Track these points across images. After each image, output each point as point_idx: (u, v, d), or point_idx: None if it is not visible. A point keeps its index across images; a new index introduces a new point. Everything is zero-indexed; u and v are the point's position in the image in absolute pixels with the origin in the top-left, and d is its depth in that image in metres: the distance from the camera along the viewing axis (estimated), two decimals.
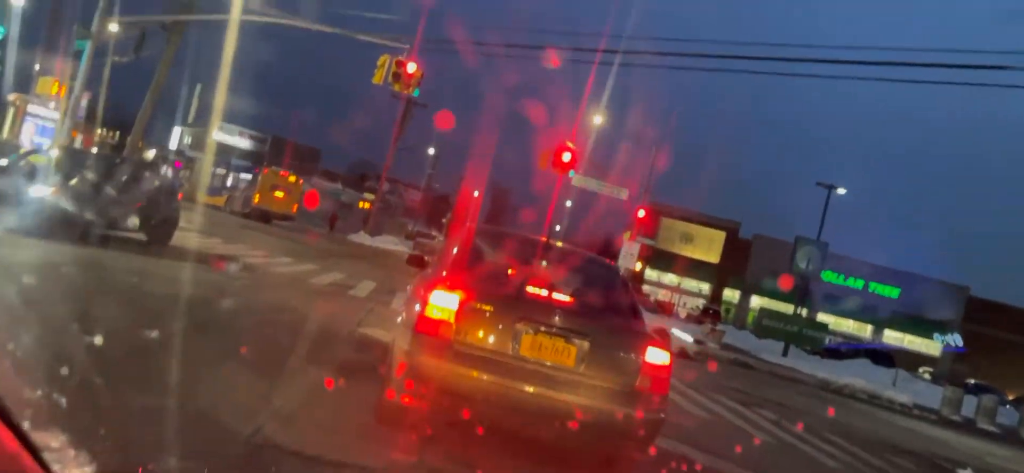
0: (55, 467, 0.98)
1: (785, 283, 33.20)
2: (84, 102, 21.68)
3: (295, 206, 36.23)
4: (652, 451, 5.35)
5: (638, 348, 5.11)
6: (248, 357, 6.59)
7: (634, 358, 5.07)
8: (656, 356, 5.08)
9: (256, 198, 34.04)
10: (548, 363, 4.91)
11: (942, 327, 50.71)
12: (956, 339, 49.25)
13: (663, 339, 5.77)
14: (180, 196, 15.63)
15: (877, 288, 52.15)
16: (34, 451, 0.94)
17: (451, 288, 5.03)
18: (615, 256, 29.91)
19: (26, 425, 0.93)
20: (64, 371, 3.87)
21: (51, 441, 1.08)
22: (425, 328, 4.91)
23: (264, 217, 33.31)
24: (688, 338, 21.81)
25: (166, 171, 16.31)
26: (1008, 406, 28.33)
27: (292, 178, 36.40)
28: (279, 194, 34.65)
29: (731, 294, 54.69)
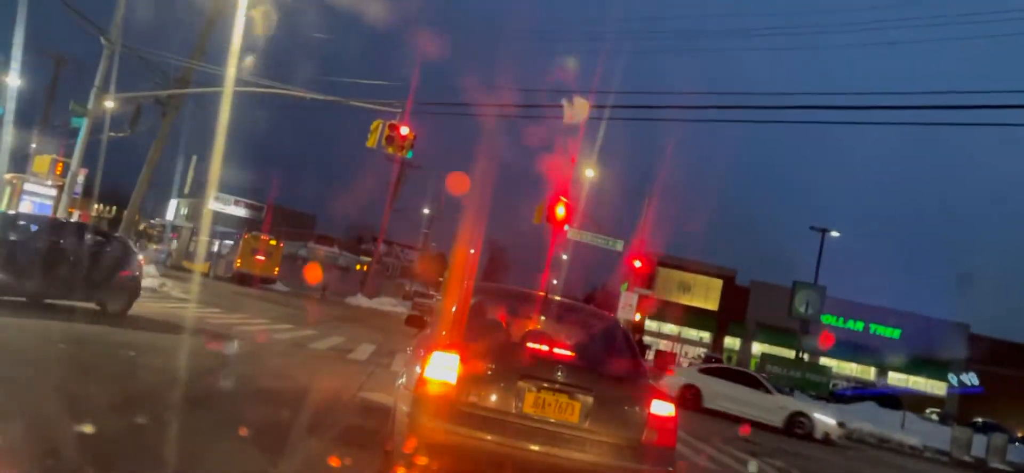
0: None
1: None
2: (81, 178, 21.78)
3: (276, 269, 37.24)
4: None
5: (643, 401, 5.02)
6: (251, 427, 6.50)
7: (639, 411, 4.98)
8: (662, 409, 4.99)
9: (238, 262, 35.08)
10: (552, 420, 4.82)
11: (947, 366, 50.38)
12: (971, 378, 48.78)
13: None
14: (142, 262, 14.96)
15: (878, 329, 51.98)
16: None
17: (451, 348, 4.97)
18: (613, 308, 29.82)
19: None
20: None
21: None
22: (426, 390, 4.82)
23: (245, 280, 33.87)
24: (830, 420, 17.79)
25: (126, 240, 15.69)
26: (1018, 444, 27.93)
27: (272, 242, 37.70)
28: (260, 258, 35.67)
29: (732, 341, 54.47)
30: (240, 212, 65.60)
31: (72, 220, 18.33)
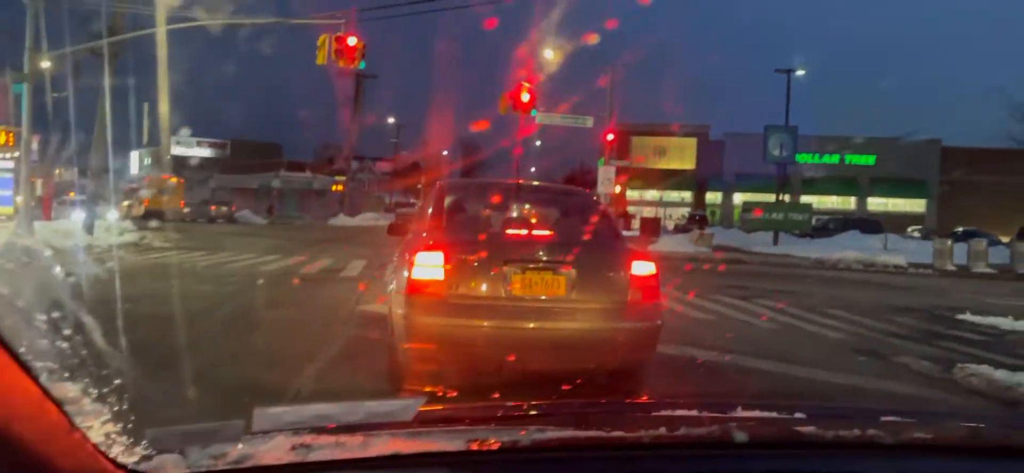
0: (77, 419, 1.04)
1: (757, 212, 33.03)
2: (35, 145, 21.29)
3: (182, 203, 41.01)
4: (656, 358, 5.46)
5: (623, 264, 5.22)
6: (262, 352, 6.64)
7: (622, 274, 5.18)
8: (642, 268, 5.20)
9: (146, 202, 38.80)
10: (542, 297, 5.01)
11: (924, 184, 51.36)
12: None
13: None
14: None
15: (853, 159, 52.61)
16: (58, 404, 1.00)
17: (435, 247, 5.10)
18: (593, 184, 29.98)
19: (44, 377, 0.99)
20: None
21: (70, 393, 1.12)
22: (416, 290, 4.97)
23: (154, 216, 35.58)
24: None
25: None
26: (1001, 246, 28.63)
27: (173, 179, 41.30)
28: (165, 195, 38.55)
29: (714, 196, 55.05)
30: (205, 152, 64.54)
31: None
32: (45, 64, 19.32)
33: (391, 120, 61.29)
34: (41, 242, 16.55)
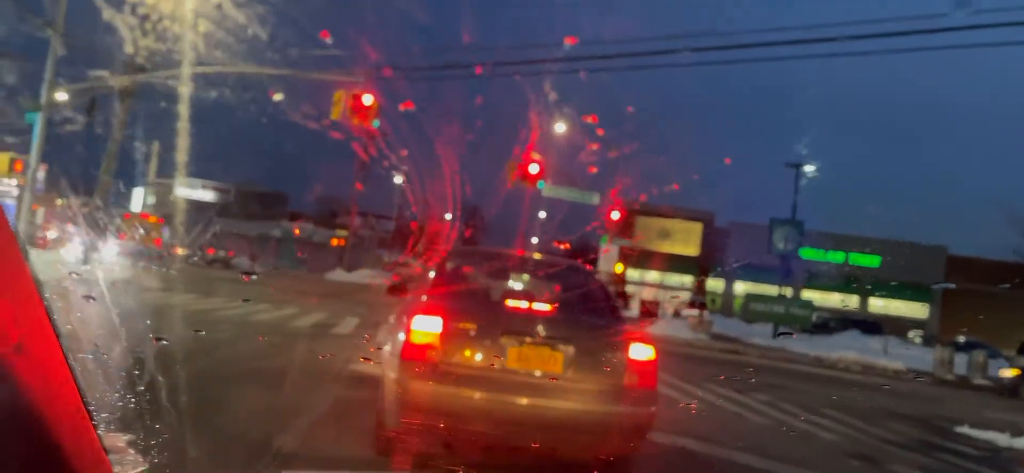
0: (116, 468, 1.14)
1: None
2: (41, 174, 21.40)
3: (158, 241, 42.56)
4: (647, 446, 5.34)
5: (622, 347, 5.13)
6: (243, 408, 6.46)
7: (619, 357, 5.08)
8: (640, 352, 5.10)
9: (121, 236, 39.50)
10: (537, 373, 4.90)
11: (928, 289, 51.26)
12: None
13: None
14: None
15: (858, 259, 52.59)
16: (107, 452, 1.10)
17: (432, 312, 5.04)
18: (595, 260, 29.96)
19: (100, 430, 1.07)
20: None
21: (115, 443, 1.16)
22: (412, 354, 4.89)
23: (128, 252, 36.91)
24: None
25: None
26: (1001, 359, 28.34)
27: (152, 219, 43.85)
28: (141, 232, 40.93)
29: (716, 284, 54.93)
30: (208, 196, 64.81)
31: None
32: (62, 96, 19.57)
33: (398, 180, 61.59)
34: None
